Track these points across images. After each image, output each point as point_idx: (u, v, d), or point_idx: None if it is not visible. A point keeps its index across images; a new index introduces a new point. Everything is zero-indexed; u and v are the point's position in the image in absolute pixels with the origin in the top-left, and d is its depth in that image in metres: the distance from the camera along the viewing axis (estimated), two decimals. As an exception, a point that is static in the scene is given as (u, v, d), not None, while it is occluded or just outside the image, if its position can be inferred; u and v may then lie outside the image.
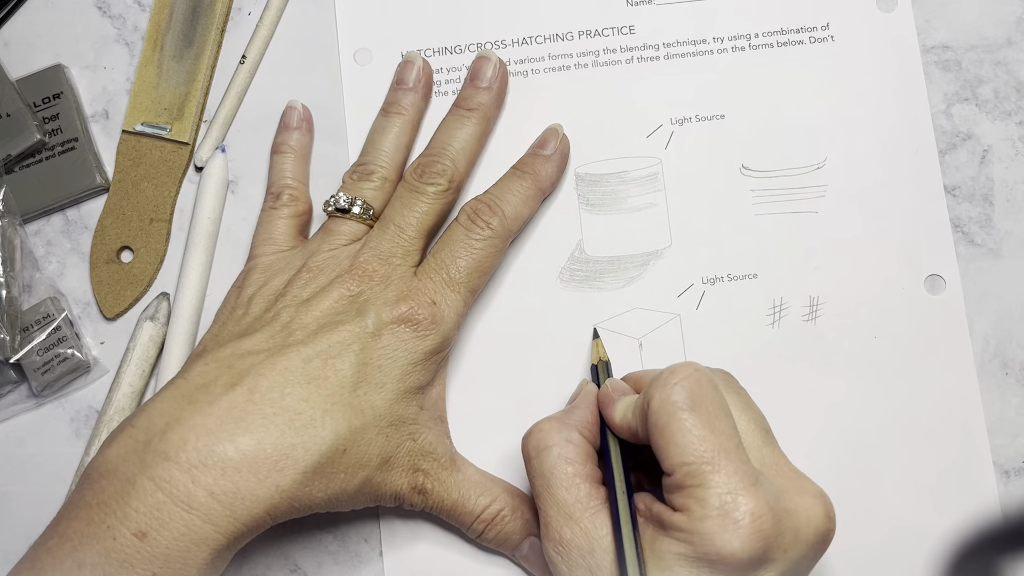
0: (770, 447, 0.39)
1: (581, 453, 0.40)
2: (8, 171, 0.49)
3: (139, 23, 0.51)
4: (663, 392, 0.37)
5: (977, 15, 0.50)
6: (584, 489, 0.39)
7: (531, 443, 0.40)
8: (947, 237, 0.48)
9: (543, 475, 0.39)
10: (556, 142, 0.48)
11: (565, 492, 0.39)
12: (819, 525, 0.37)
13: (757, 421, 0.39)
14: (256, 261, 0.46)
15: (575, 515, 0.38)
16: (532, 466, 0.40)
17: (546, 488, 0.39)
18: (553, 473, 0.39)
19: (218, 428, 0.37)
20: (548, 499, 0.39)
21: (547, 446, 0.40)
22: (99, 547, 0.36)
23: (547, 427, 0.41)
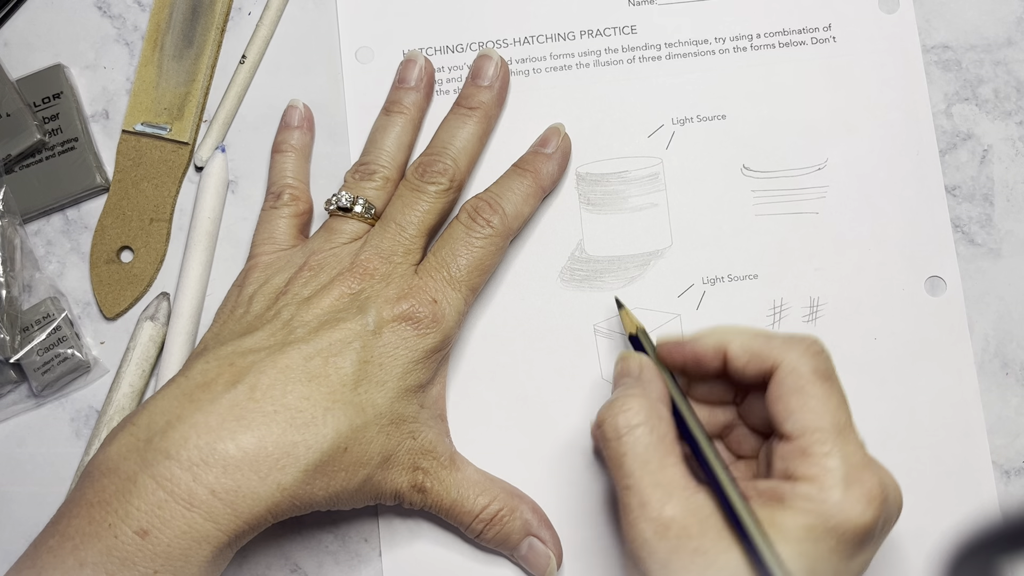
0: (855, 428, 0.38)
1: (672, 430, 0.39)
2: (8, 171, 0.49)
3: (139, 23, 0.51)
4: (801, 355, 0.37)
5: (977, 15, 0.50)
6: (681, 467, 0.37)
7: (620, 421, 0.38)
8: (948, 239, 0.48)
9: (638, 453, 0.37)
10: (558, 141, 0.48)
11: (668, 469, 0.37)
12: (901, 501, 0.37)
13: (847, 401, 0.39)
14: (256, 260, 0.46)
15: (677, 493, 0.36)
16: (622, 444, 0.38)
17: (643, 466, 0.37)
18: (650, 450, 0.37)
19: (219, 426, 0.37)
20: (645, 478, 0.37)
21: (640, 422, 0.38)
22: (100, 545, 0.36)
23: (634, 404, 0.38)
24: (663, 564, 0.35)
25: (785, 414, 0.37)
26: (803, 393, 0.37)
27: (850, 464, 0.35)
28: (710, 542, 0.35)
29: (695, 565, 0.35)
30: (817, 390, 0.37)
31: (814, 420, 0.36)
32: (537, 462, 0.47)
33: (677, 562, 0.35)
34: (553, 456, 0.47)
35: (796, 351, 0.38)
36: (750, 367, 0.39)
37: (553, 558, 0.45)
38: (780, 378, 0.37)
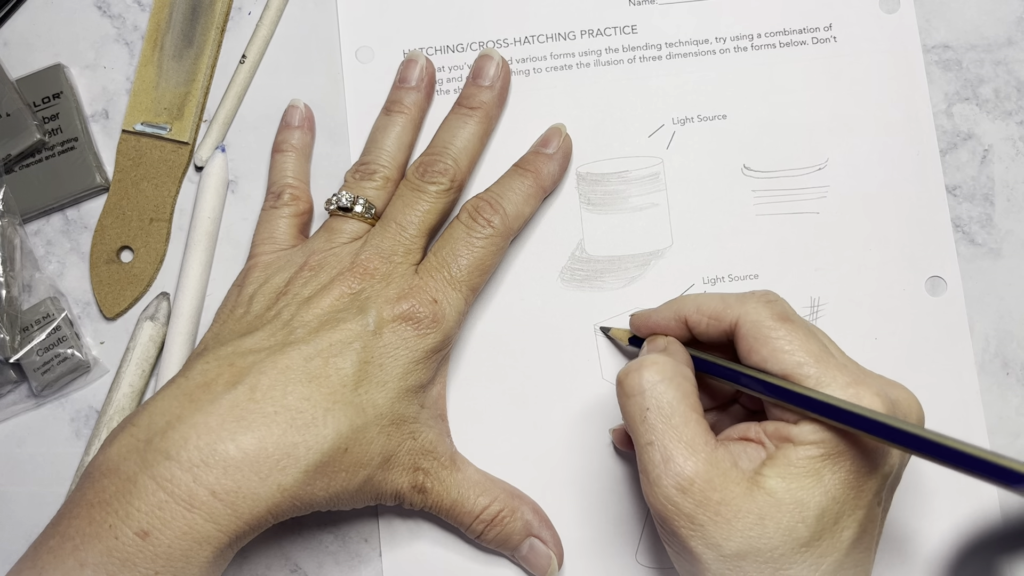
0: (846, 356, 0.39)
1: (695, 389, 0.39)
2: (8, 171, 0.49)
3: (139, 23, 0.51)
4: (754, 308, 0.38)
5: (977, 15, 0.50)
6: (704, 425, 0.38)
7: (644, 376, 0.38)
8: (948, 239, 0.48)
9: (661, 408, 0.38)
10: (559, 141, 0.48)
11: (693, 425, 0.37)
12: (918, 411, 0.38)
13: (826, 336, 0.40)
14: (256, 260, 0.46)
15: (698, 448, 0.37)
16: (645, 399, 0.38)
17: (666, 421, 0.37)
18: (675, 406, 0.38)
19: (219, 427, 0.37)
20: (669, 433, 0.37)
21: (665, 378, 0.38)
22: (101, 546, 0.36)
23: (661, 360, 0.39)
24: (690, 519, 0.36)
25: (761, 363, 0.38)
26: (769, 338, 0.37)
27: (841, 386, 0.36)
28: (734, 492, 0.36)
29: (721, 516, 0.36)
30: (781, 331, 0.37)
31: (788, 358, 0.37)
32: (537, 462, 0.47)
33: (703, 515, 0.36)
34: (553, 456, 0.47)
35: (750, 303, 0.39)
36: (711, 328, 0.40)
37: (554, 558, 0.45)
38: (744, 332, 0.38)
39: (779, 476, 0.36)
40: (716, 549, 0.36)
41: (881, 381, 0.38)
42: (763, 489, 0.36)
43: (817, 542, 0.36)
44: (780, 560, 0.35)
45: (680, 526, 0.36)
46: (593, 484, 0.47)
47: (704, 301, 0.41)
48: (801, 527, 0.35)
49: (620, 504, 0.46)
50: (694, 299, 0.41)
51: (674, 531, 0.37)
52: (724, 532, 0.36)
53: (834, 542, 0.36)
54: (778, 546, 0.35)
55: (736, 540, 0.35)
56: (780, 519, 0.35)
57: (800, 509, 0.35)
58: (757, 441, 0.37)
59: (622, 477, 0.47)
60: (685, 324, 0.41)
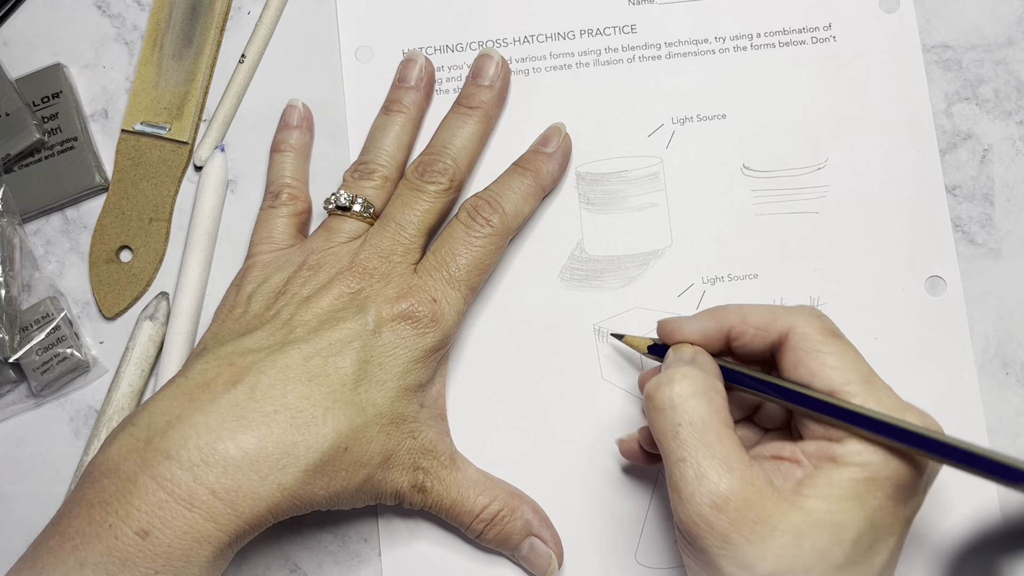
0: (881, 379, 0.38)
1: (726, 404, 0.38)
2: (7, 170, 0.49)
3: (138, 22, 0.51)
4: (805, 320, 0.37)
5: (977, 14, 0.50)
6: (737, 441, 0.37)
7: (675, 389, 0.37)
8: (948, 239, 0.48)
9: (693, 423, 0.36)
10: (558, 140, 0.48)
11: (727, 442, 0.36)
12: None
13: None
14: (255, 259, 0.46)
15: (734, 465, 0.36)
16: (676, 414, 0.37)
17: (699, 436, 0.36)
18: (707, 422, 0.36)
19: (219, 426, 0.37)
20: (702, 449, 0.36)
21: (696, 392, 0.37)
22: (101, 546, 0.35)
23: (692, 373, 0.38)
24: (723, 538, 0.35)
25: (808, 377, 0.37)
26: (820, 352, 0.37)
27: (888, 409, 0.35)
28: (770, 511, 0.35)
29: (756, 534, 0.35)
30: (832, 347, 0.37)
31: (839, 375, 0.36)
32: (537, 462, 0.47)
33: (738, 535, 0.35)
34: (553, 456, 0.47)
35: (800, 317, 0.38)
36: (756, 340, 0.39)
37: (554, 558, 0.45)
38: (793, 344, 0.37)
39: (819, 496, 0.35)
40: (748, 570, 0.35)
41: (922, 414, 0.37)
42: (801, 509, 0.35)
43: (851, 566, 0.35)
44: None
45: (712, 544, 0.35)
46: (593, 484, 0.47)
47: (749, 311, 0.39)
48: (837, 550, 0.34)
49: (620, 504, 0.46)
50: (737, 309, 0.40)
51: (705, 549, 0.35)
52: (759, 552, 0.34)
53: (866, 567, 0.35)
54: (812, 568, 0.34)
55: (770, 560, 0.34)
56: (817, 540, 0.34)
57: (838, 531, 0.34)
58: (793, 460, 0.37)
59: (622, 477, 0.47)
60: (726, 335, 0.40)
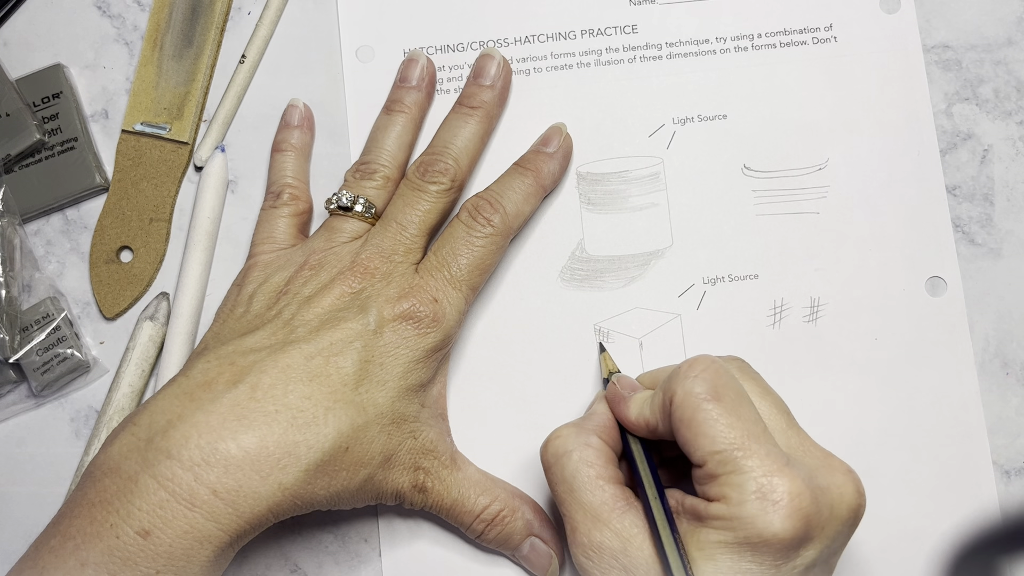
0: (794, 429, 0.39)
1: (601, 456, 0.40)
2: (8, 171, 0.49)
3: (139, 23, 0.51)
4: (684, 385, 0.37)
5: (977, 15, 0.50)
6: (609, 491, 0.39)
7: (549, 450, 0.40)
8: (949, 239, 0.48)
9: (565, 480, 0.39)
10: (559, 140, 0.48)
11: (590, 495, 0.39)
12: (851, 500, 0.37)
13: (777, 405, 0.40)
14: (256, 259, 0.46)
15: (603, 517, 0.38)
16: (553, 473, 0.40)
17: (569, 493, 0.39)
18: (575, 477, 0.39)
19: (220, 425, 0.37)
20: (573, 504, 0.39)
21: (566, 451, 0.40)
22: (102, 545, 0.35)
23: (564, 432, 0.41)
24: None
25: (684, 445, 0.37)
26: (695, 421, 0.37)
27: (760, 475, 0.35)
28: (637, 561, 0.37)
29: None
30: (706, 415, 0.37)
31: (711, 444, 0.36)
32: (537, 462, 0.47)
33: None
34: (553, 456, 0.47)
35: (684, 380, 0.38)
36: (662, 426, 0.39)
37: (555, 558, 0.45)
38: (675, 412, 0.38)
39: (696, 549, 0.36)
40: None
41: (816, 465, 0.37)
42: None
43: None
44: None
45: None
46: (593, 484, 0.47)
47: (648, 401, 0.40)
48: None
49: (620, 504, 0.46)
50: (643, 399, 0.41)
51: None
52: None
53: None
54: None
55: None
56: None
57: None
58: (675, 511, 0.38)
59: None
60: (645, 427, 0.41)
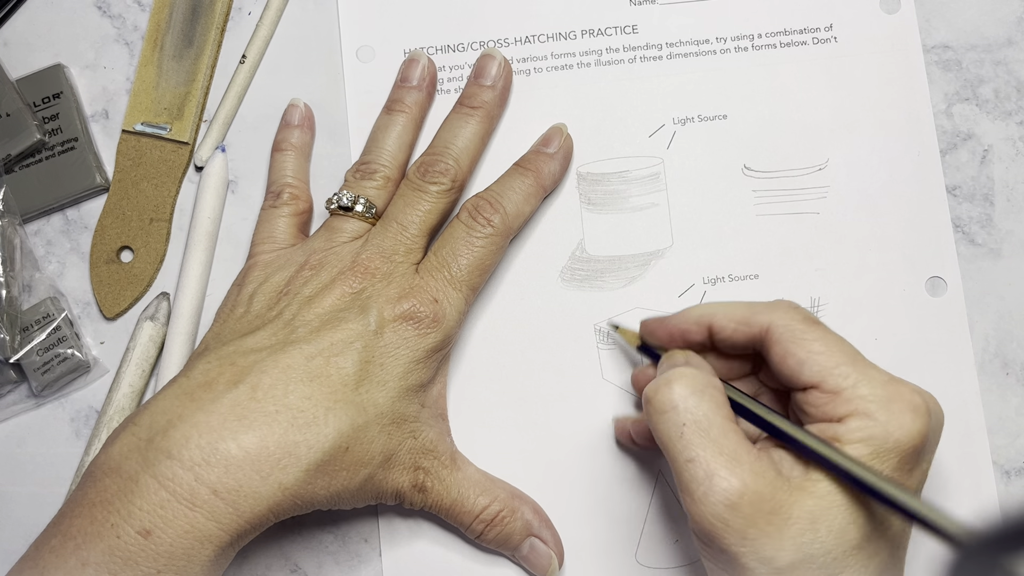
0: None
1: (727, 401, 0.38)
2: (8, 171, 0.49)
3: (139, 23, 0.51)
4: (785, 312, 0.38)
5: (977, 15, 0.50)
6: (741, 434, 0.37)
7: (676, 391, 0.37)
8: (949, 239, 0.48)
9: (697, 422, 0.36)
10: (560, 140, 0.48)
11: (727, 437, 0.36)
12: (941, 410, 0.38)
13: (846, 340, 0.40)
14: (256, 259, 0.46)
15: (742, 460, 0.36)
16: (677, 415, 0.37)
17: (704, 435, 0.36)
18: (711, 419, 0.37)
19: (221, 425, 0.37)
20: (710, 448, 0.36)
21: (697, 391, 0.37)
22: (103, 545, 0.35)
23: (689, 373, 0.38)
24: (741, 535, 0.35)
25: (798, 366, 0.37)
26: (805, 341, 0.37)
27: (881, 384, 0.36)
28: (783, 501, 0.35)
29: (772, 526, 0.35)
30: (816, 334, 0.37)
31: (827, 360, 0.37)
32: (537, 462, 0.47)
33: (755, 529, 0.35)
34: (553, 456, 0.47)
35: (780, 310, 0.39)
36: (738, 334, 0.40)
37: (555, 558, 0.45)
38: (777, 336, 0.38)
39: (828, 478, 0.35)
40: (769, 563, 0.35)
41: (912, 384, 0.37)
42: (812, 494, 0.35)
43: (867, 542, 0.35)
44: (833, 564, 0.35)
45: (730, 543, 0.35)
46: (593, 484, 0.47)
47: (729, 307, 0.40)
48: (852, 528, 0.35)
49: (620, 504, 0.46)
50: (719, 305, 0.41)
51: (724, 548, 0.35)
52: (777, 543, 0.35)
53: (882, 541, 0.36)
54: (831, 550, 0.35)
55: (789, 550, 0.35)
56: (832, 522, 0.35)
57: (850, 510, 0.35)
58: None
59: (622, 477, 0.47)
60: (708, 331, 0.41)
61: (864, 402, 0.36)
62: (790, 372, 0.38)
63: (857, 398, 0.36)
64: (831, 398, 0.36)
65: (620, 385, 0.47)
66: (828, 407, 0.37)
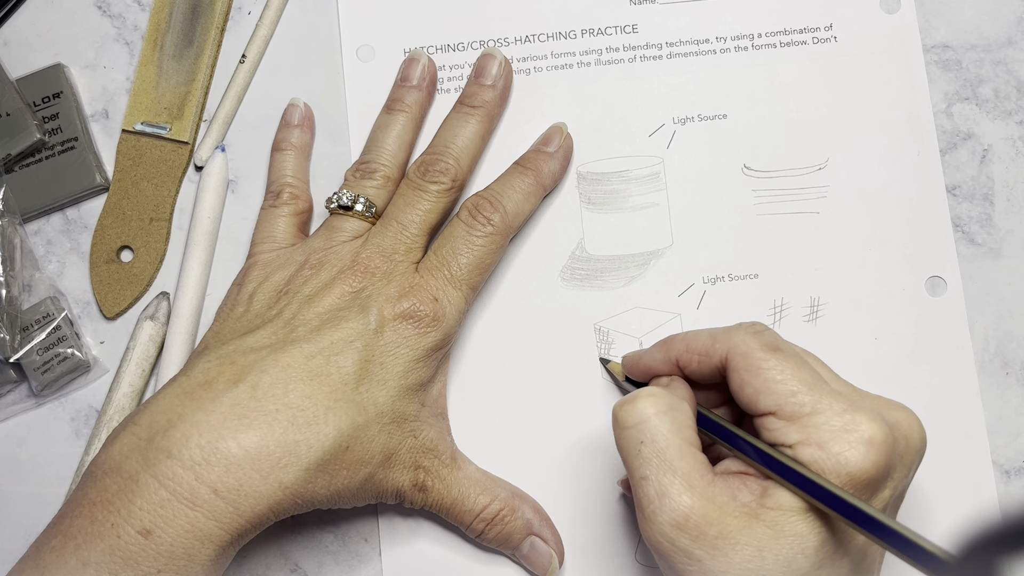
0: (840, 379, 0.39)
1: (692, 424, 0.38)
2: (8, 171, 0.49)
3: (139, 22, 0.51)
4: (743, 340, 0.38)
5: (977, 15, 0.50)
6: (699, 458, 0.37)
7: (639, 407, 0.38)
8: (949, 239, 0.48)
9: (654, 441, 0.37)
10: (560, 139, 0.48)
11: (682, 459, 0.36)
12: (920, 431, 0.37)
13: (818, 360, 0.40)
14: (256, 258, 0.46)
15: (694, 483, 0.36)
16: (637, 432, 0.37)
17: (660, 455, 0.36)
18: (670, 440, 0.37)
19: (221, 425, 0.37)
20: (663, 467, 0.36)
21: (660, 411, 0.37)
22: (103, 545, 0.35)
23: (658, 393, 0.38)
24: (687, 554, 0.35)
25: (754, 395, 0.37)
26: (760, 369, 0.37)
27: (837, 413, 0.35)
28: (732, 526, 0.35)
29: (718, 550, 0.35)
30: (772, 361, 0.37)
31: (782, 388, 0.36)
32: (537, 462, 0.47)
33: (701, 551, 0.35)
34: (553, 456, 0.47)
35: (738, 336, 0.38)
36: (703, 366, 0.40)
37: (555, 557, 0.45)
38: (734, 364, 0.38)
39: (780, 508, 0.35)
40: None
41: (879, 403, 0.37)
42: (763, 521, 0.35)
43: (818, 571, 0.35)
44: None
45: (677, 561, 0.36)
46: (593, 484, 0.47)
47: (692, 338, 0.40)
48: (801, 558, 0.35)
49: (620, 504, 0.46)
50: (683, 337, 0.41)
51: (672, 566, 0.36)
52: (722, 566, 0.35)
53: (833, 570, 0.36)
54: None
55: (734, 574, 0.35)
56: (779, 551, 0.35)
57: (800, 541, 0.35)
58: (756, 474, 0.37)
59: (622, 477, 0.46)
60: (676, 364, 0.41)
61: (818, 432, 0.35)
62: (748, 399, 0.37)
63: (811, 427, 0.35)
64: (786, 424, 0.36)
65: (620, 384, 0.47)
66: (782, 433, 0.36)
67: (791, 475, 0.35)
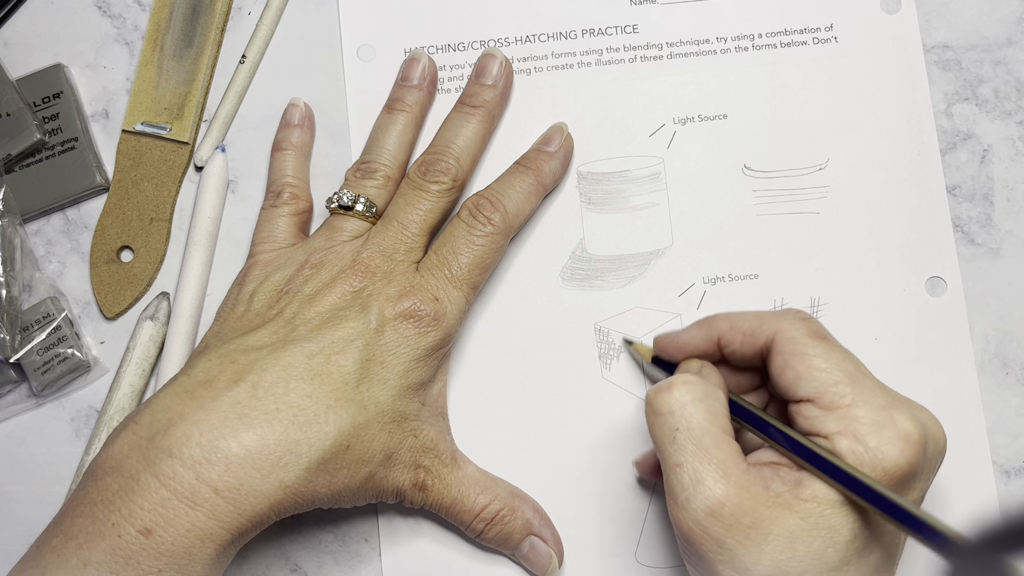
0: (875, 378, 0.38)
1: (726, 413, 0.38)
2: (8, 171, 0.49)
3: (139, 23, 0.51)
4: (791, 324, 0.38)
5: (977, 15, 0.50)
6: (734, 447, 0.37)
7: (675, 395, 0.37)
8: (949, 239, 0.48)
9: (690, 429, 0.37)
10: (561, 139, 0.48)
11: (718, 448, 0.36)
12: (943, 435, 0.37)
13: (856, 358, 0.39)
14: (256, 258, 0.46)
15: (729, 471, 0.36)
16: (673, 419, 0.37)
17: (696, 443, 0.36)
18: (705, 428, 0.37)
19: (221, 424, 0.37)
20: (699, 455, 0.36)
21: (696, 399, 0.37)
22: (104, 544, 0.35)
23: (693, 380, 0.38)
24: (718, 543, 0.35)
25: (796, 379, 0.37)
26: (806, 355, 0.37)
27: (876, 408, 0.36)
28: (764, 516, 0.35)
29: (750, 539, 0.35)
30: (818, 349, 0.37)
31: (826, 376, 0.36)
32: (538, 461, 0.47)
33: (733, 540, 0.35)
34: (553, 456, 0.47)
35: (786, 320, 0.38)
36: (745, 347, 0.40)
37: (555, 557, 0.45)
38: (779, 347, 0.38)
39: (814, 500, 0.35)
40: (744, 573, 0.35)
41: (911, 405, 0.37)
42: (796, 513, 0.35)
43: (846, 566, 0.35)
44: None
45: (708, 550, 0.35)
46: (593, 483, 0.47)
47: (737, 319, 0.40)
48: (831, 552, 0.35)
49: (620, 504, 0.46)
50: (726, 317, 0.41)
51: (701, 554, 0.36)
52: (753, 556, 0.35)
53: (861, 566, 0.36)
54: (806, 570, 0.35)
55: (765, 564, 0.35)
56: (811, 543, 0.35)
57: (832, 534, 0.35)
58: (790, 464, 0.37)
59: (622, 477, 0.47)
60: (717, 343, 0.41)
61: (856, 424, 0.35)
62: (788, 384, 0.37)
63: (850, 419, 0.36)
64: (825, 413, 0.36)
65: (621, 385, 0.47)
66: (820, 421, 0.36)
67: (828, 467, 0.35)
